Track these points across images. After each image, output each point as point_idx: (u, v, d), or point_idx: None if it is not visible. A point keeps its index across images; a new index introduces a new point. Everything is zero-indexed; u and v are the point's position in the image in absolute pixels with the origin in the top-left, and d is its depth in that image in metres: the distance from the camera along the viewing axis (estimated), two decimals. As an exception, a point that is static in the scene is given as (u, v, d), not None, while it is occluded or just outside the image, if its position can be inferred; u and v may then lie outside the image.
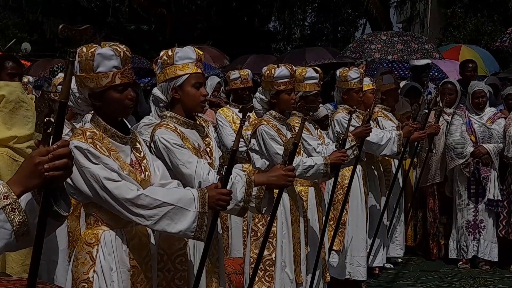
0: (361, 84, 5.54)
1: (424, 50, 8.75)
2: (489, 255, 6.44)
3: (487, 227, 6.44)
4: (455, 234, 6.59)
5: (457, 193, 6.55)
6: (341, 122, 5.28)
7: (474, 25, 15.90)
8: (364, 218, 5.63)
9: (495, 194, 6.38)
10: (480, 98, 6.45)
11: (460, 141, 6.44)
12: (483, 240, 6.44)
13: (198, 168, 3.04)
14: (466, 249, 6.50)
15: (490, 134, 6.42)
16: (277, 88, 4.13)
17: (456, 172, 6.54)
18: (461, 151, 6.44)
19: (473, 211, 6.47)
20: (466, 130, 6.47)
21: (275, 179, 3.28)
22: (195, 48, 3.14)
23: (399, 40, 8.96)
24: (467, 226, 6.49)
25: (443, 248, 6.76)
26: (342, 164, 4.41)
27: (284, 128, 4.22)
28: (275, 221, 4.16)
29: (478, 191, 6.45)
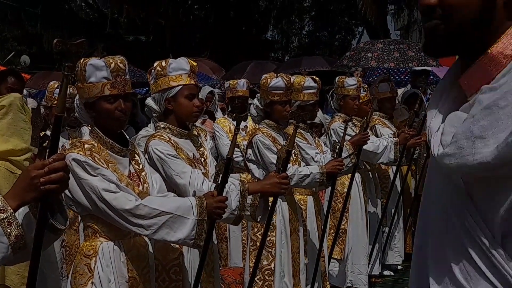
0: (357, 92, 5.58)
1: (421, 57, 8.77)
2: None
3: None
4: (454, 241, 6.59)
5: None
6: (337, 131, 5.31)
7: (471, 31, 15.94)
8: (365, 226, 5.65)
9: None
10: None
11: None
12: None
13: (192, 178, 3.06)
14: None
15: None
16: (271, 98, 4.16)
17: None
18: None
19: (471, 217, 6.47)
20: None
21: (269, 187, 3.31)
22: (188, 60, 3.17)
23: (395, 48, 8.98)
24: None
25: (442, 255, 6.76)
26: (338, 173, 4.43)
27: (280, 137, 4.24)
28: (274, 231, 4.18)
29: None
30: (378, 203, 6.08)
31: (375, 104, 6.12)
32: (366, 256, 5.66)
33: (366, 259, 5.65)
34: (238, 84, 6.03)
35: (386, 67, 9.08)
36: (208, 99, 7.03)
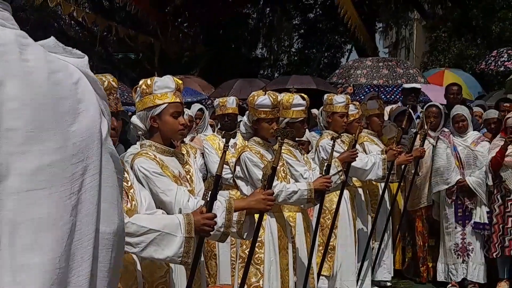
0: (346, 110, 5.61)
1: (409, 74, 8.85)
2: (477, 277, 6.47)
3: (475, 250, 6.47)
4: (443, 257, 6.61)
5: (445, 216, 6.58)
6: (325, 148, 5.33)
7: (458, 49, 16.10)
8: (353, 242, 5.65)
9: (482, 217, 6.43)
10: (460, 122, 6.54)
11: (447, 165, 6.50)
12: (471, 263, 6.47)
13: (178, 195, 3.07)
14: (455, 272, 6.52)
15: (475, 156, 6.48)
16: (258, 116, 4.19)
17: (443, 196, 6.58)
18: (446, 177, 6.49)
19: (461, 234, 6.51)
20: (451, 154, 6.53)
21: (255, 204, 3.31)
22: (174, 78, 3.18)
23: (384, 65, 9.07)
24: (456, 249, 6.51)
25: (431, 271, 6.78)
26: (326, 189, 4.45)
27: (269, 154, 4.25)
28: (263, 248, 4.18)
29: (465, 214, 6.49)
30: (368, 220, 6.10)
31: (363, 121, 6.15)
32: (355, 273, 5.66)
33: (355, 275, 5.65)
34: (228, 102, 6.04)
35: (375, 83, 9.16)
36: (198, 116, 7.04)
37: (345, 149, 5.36)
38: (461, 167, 6.50)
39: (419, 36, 24.76)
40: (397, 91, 9.79)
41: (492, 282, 6.48)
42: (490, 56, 10.62)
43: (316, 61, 22.01)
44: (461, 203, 6.49)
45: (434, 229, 6.78)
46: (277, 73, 23.19)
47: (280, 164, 4.17)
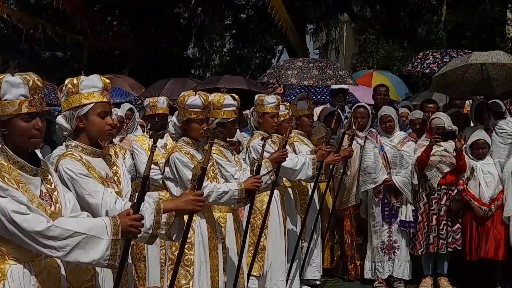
0: (276, 110, 5.65)
1: (339, 76, 9.00)
2: (403, 274, 6.64)
3: (401, 247, 6.64)
4: (370, 254, 6.75)
5: (372, 215, 6.72)
6: (256, 148, 5.35)
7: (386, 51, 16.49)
8: (283, 242, 5.70)
9: (407, 216, 6.61)
10: (387, 122, 6.70)
11: (374, 165, 6.64)
12: (397, 260, 6.64)
13: (104, 197, 3.01)
14: (382, 269, 6.67)
15: (401, 156, 6.65)
16: (188, 116, 4.17)
17: (370, 195, 6.72)
18: (373, 176, 6.64)
19: (387, 232, 6.66)
20: (378, 154, 6.68)
21: (184, 204, 3.29)
22: (101, 77, 3.12)
23: (314, 66, 9.19)
24: (382, 247, 6.66)
25: (359, 269, 6.91)
26: (257, 190, 4.46)
27: (199, 154, 4.23)
28: (193, 249, 4.16)
29: (391, 213, 6.65)
30: (297, 219, 6.16)
31: (293, 121, 6.21)
32: (285, 272, 5.71)
33: (285, 275, 5.70)
34: (158, 102, 5.98)
35: (306, 84, 9.27)
36: (128, 116, 6.94)
37: (275, 149, 5.39)
38: (388, 167, 6.66)
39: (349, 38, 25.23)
40: (326, 92, 9.94)
41: (417, 279, 6.67)
42: (416, 58, 10.92)
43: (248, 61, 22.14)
44: (388, 202, 6.65)
45: (362, 228, 6.91)
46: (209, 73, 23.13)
47: (210, 165, 4.16)
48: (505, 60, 7.05)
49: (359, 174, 6.75)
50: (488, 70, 7.14)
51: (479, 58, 7.07)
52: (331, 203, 6.89)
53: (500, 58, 7.06)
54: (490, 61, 7.02)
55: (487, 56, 7.15)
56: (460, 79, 7.34)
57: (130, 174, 4.12)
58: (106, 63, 15.88)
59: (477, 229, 6.48)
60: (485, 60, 7.02)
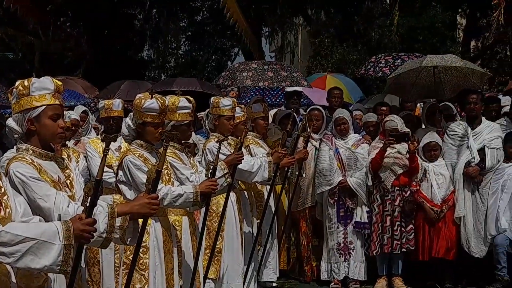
0: (232, 112, 5.65)
1: (293, 78, 9.06)
2: (358, 275, 6.71)
3: (356, 248, 6.71)
4: (326, 256, 6.81)
5: (327, 216, 6.78)
6: (212, 150, 5.33)
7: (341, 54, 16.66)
8: (240, 244, 5.69)
9: (362, 217, 6.68)
10: (341, 125, 6.78)
11: (329, 167, 6.70)
12: (353, 261, 6.70)
13: (57, 201, 2.95)
14: (338, 270, 6.72)
15: (355, 158, 6.73)
16: (144, 119, 4.13)
17: (325, 197, 6.78)
18: (329, 178, 6.69)
19: (343, 233, 6.72)
20: (333, 156, 6.74)
21: (139, 208, 3.25)
22: (53, 79, 3.07)
23: (269, 68, 9.23)
24: (338, 248, 6.72)
25: (315, 270, 6.95)
26: (212, 192, 4.45)
27: (153, 157, 4.19)
28: (147, 253, 4.12)
29: (346, 214, 6.72)
30: (253, 222, 6.16)
31: (249, 124, 6.22)
32: (241, 275, 5.70)
33: (241, 278, 5.70)
34: (114, 104, 5.90)
35: (261, 85, 9.29)
36: (82, 118, 6.84)
37: (231, 151, 5.39)
38: (343, 169, 6.73)
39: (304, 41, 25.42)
40: (281, 95, 9.99)
41: (372, 279, 6.75)
42: (369, 62, 11.08)
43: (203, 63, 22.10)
44: (343, 203, 6.72)
45: (317, 229, 6.96)
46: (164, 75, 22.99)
47: (164, 168, 4.13)
48: (457, 64, 7.21)
49: (315, 176, 6.80)
50: (440, 74, 7.29)
51: (433, 61, 7.21)
52: (286, 205, 6.92)
53: (452, 61, 7.21)
54: (443, 64, 7.16)
55: (441, 59, 7.30)
56: (413, 81, 7.48)
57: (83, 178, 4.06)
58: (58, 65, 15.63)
59: (429, 230, 6.60)
60: (438, 63, 7.17)
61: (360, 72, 11.46)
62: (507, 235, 6.49)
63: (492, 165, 6.56)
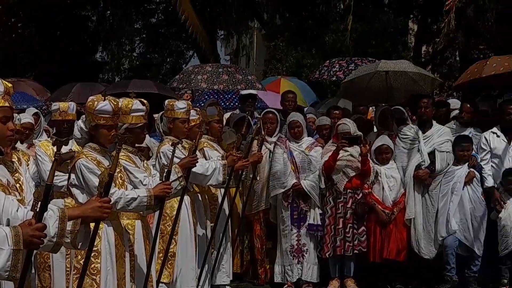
0: (187, 115, 5.64)
1: (248, 81, 9.09)
2: (311, 277, 6.77)
3: (309, 251, 6.77)
4: (279, 258, 6.85)
5: (281, 219, 6.82)
6: (166, 154, 5.32)
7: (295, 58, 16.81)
8: (193, 248, 5.68)
9: (315, 219, 6.75)
10: (295, 128, 6.83)
11: (283, 170, 6.74)
12: (306, 263, 6.76)
13: (5, 205, 2.90)
14: (291, 273, 6.77)
15: (309, 161, 6.79)
16: (97, 122, 4.08)
17: (279, 199, 6.82)
18: (283, 181, 6.74)
19: (296, 236, 6.77)
20: (287, 159, 6.79)
21: (91, 212, 3.22)
22: (2, 81, 3.01)
23: (224, 71, 9.24)
24: (291, 250, 6.77)
25: (269, 273, 6.98)
26: (166, 196, 4.43)
27: (106, 160, 4.15)
28: (99, 257, 4.08)
29: (300, 217, 6.77)
30: (207, 225, 6.16)
31: (203, 127, 6.21)
32: (195, 279, 5.69)
33: (195, 281, 5.69)
34: (69, 108, 5.83)
35: (216, 88, 9.30)
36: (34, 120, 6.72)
37: (185, 155, 5.37)
38: (297, 171, 6.78)
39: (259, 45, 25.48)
40: (235, 98, 10.01)
41: (325, 281, 6.82)
42: (323, 66, 11.18)
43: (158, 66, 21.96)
44: (297, 206, 6.77)
45: (271, 232, 7.00)
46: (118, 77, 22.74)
47: (118, 171, 4.09)
48: (410, 69, 7.35)
49: (269, 179, 6.84)
50: (391, 79, 7.40)
51: (387, 66, 7.35)
52: (241, 208, 6.93)
53: (406, 67, 7.36)
54: (397, 69, 7.30)
55: (394, 64, 7.45)
56: (365, 86, 7.59)
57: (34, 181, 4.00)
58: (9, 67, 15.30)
59: (381, 232, 6.71)
60: (392, 68, 7.30)
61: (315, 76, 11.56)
62: (457, 237, 6.65)
63: (442, 168, 6.71)
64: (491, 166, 6.77)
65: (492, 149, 6.79)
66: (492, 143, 6.80)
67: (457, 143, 6.78)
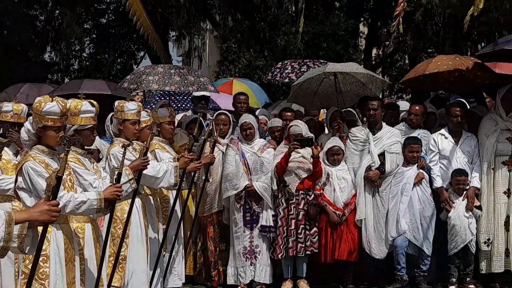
0: (138, 117, 5.58)
1: (200, 82, 9.05)
2: (264, 278, 6.78)
3: (262, 252, 6.78)
4: (232, 260, 6.84)
5: (234, 221, 6.81)
6: (116, 156, 5.24)
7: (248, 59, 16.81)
8: (145, 251, 5.62)
9: (268, 220, 6.76)
10: (247, 130, 6.84)
11: (236, 171, 6.74)
12: (259, 265, 6.77)
13: None
14: (244, 274, 6.77)
15: (261, 162, 6.80)
16: (45, 123, 4.00)
17: (232, 201, 6.81)
18: (235, 183, 6.73)
19: (249, 237, 6.78)
20: (240, 160, 6.78)
21: (38, 215, 3.15)
22: None
23: (176, 72, 9.18)
24: (244, 252, 6.77)
25: (222, 275, 6.97)
26: (117, 199, 4.37)
27: (55, 162, 4.07)
28: (48, 262, 3.99)
29: (252, 218, 6.78)
30: (159, 228, 6.10)
31: (155, 128, 6.16)
32: (147, 282, 5.63)
33: (147, 284, 5.63)
34: (23, 111, 5.70)
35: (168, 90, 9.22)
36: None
37: (136, 156, 5.31)
38: (249, 173, 6.79)
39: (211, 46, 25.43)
40: (187, 100, 9.96)
41: (278, 282, 6.84)
42: (276, 68, 11.23)
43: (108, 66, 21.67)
44: (249, 208, 6.77)
45: (224, 234, 6.98)
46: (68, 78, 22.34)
47: (67, 173, 4.02)
48: (358, 71, 7.43)
49: (221, 181, 6.82)
50: (340, 83, 7.46)
51: (335, 67, 7.41)
52: (193, 210, 6.90)
53: (354, 68, 7.43)
54: (345, 71, 7.36)
55: (342, 66, 7.51)
56: (315, 91, 7.64)
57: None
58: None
59: (332, 232, 6.77)
60: (340, 70, 7.36)
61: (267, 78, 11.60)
62: (407, 237, 6.76)
63: (392, 169, 6.81)
64: (440, 167, 6.91)
65: (440, 150, 6.94)
66: (441, 144, 6.95)
67: (406, 144, 6.89)
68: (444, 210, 6.80)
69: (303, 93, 7.62)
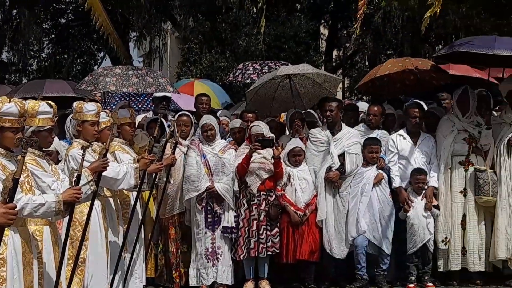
0: (97, 118, 5.52)
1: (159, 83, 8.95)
2: (226, 280, 6.78)
3: (224, 253, 6.78)
4: (194, 262, 6.82)
5: (195, 222, 6.80)
6: (75, 157, 5.17)
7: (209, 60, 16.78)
8: (105, 253, 5.57)
9: (230, 222, 6.77)
10: (208, 131, 6.83)
11: (197, 173, 6.72)
12: (221, 266, 6.77)
13: None
14: (206, 276, 6.76)
15: (222, 163, 6.81)
16: (2, 124, 3.94)
17: (193, 203, 6.79)
18: (196, 184, 6.72)
19: (211, 239, 6.77)
20: (201, 162, 6.77)
21: None
22: None
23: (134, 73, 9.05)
24: (206, 253, 6.76)
25: (184, 277, 6.94)
26: (76, 201, 4.31)
27: (12, 165, 4.00)
28: (5, 265, 3.92)
29: (214, 219, 6.77)
30: (120, 230, 6.04)
31: (115, 129, 6.11)
32: (107, 285, 5.58)
33: (107, 287, 5.57)
34: None
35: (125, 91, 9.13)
36: None
37: (96, 158, 5.26)
38: (210, 174, 6.78)
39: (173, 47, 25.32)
40: (148, 100, 9.89)
41: (239, 283, 6.85)
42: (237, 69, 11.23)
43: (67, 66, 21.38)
44: (211, 209, 6.77)
45: (186, 235, 6.96)
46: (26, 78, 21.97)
47: (25, 176, 3.96)
48: (310, 71, 7.48)
49: (183, 182, 6.80)
50: (296, 86, 7.50)
51: (286, 70, 7.46)
52: (154, 212, 6.86)
53: (305, 69, 7.48)
54: (296, 72, 7.40)
55: (293, 68, 7.57)
56: (272, 96, 7.66)
57: None
58: None
59: (294, 233, 6.81)
60: (291, 72, 7.40)
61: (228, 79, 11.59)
62: (367, 236, 6.84)
63: (351, 169, 6.88)
64: (399, 167, 7.01)
65: (399, 150, 7.04)
66: (399, 145, 7.05)
67: (366, 145, 6.97)
68: (403, 210, 6.91)
69: (261, 99, 7.63)
